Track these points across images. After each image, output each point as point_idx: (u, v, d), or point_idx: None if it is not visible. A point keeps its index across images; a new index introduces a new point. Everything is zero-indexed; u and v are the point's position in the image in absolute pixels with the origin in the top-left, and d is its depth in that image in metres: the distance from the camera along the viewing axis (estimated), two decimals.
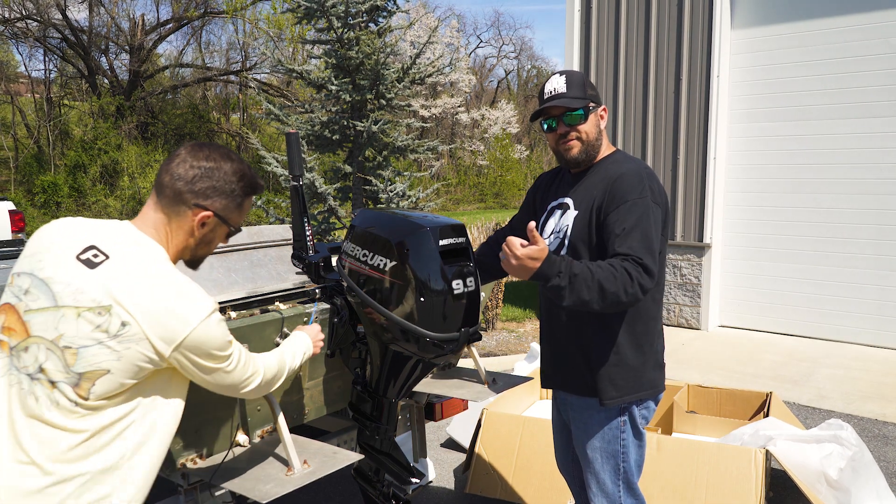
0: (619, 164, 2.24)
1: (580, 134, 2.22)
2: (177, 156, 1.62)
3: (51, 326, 1.45)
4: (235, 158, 1.68)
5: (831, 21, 6.55)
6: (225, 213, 1.66)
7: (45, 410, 1.44)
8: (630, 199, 2.09)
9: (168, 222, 1.61)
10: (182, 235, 1.63)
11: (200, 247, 1.68)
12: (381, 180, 8.32)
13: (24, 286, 1.50)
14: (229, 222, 1.68)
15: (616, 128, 7.62)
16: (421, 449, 3.20)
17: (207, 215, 1.62)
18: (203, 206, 1.61)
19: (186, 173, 1.60)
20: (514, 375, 3.02)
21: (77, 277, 1.47)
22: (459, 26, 31.91)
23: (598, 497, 2.32)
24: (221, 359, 1.58)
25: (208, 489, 2.12)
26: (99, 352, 1.43)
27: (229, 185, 1.64)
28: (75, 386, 1.44)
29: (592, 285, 1.92)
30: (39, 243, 1.55)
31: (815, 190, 6.77)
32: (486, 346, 7.03)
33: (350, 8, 8.16)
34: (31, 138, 21.28)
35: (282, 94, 22.71)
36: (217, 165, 1.63)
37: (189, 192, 1.60)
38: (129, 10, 24.84)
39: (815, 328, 6.86)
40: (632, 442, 2.27)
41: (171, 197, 1.60)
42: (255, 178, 1.71)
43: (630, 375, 2.20)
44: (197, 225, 1.63)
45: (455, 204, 26.94)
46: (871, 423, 4.67)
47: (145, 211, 1.63)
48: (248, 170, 1.70)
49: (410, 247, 2.03)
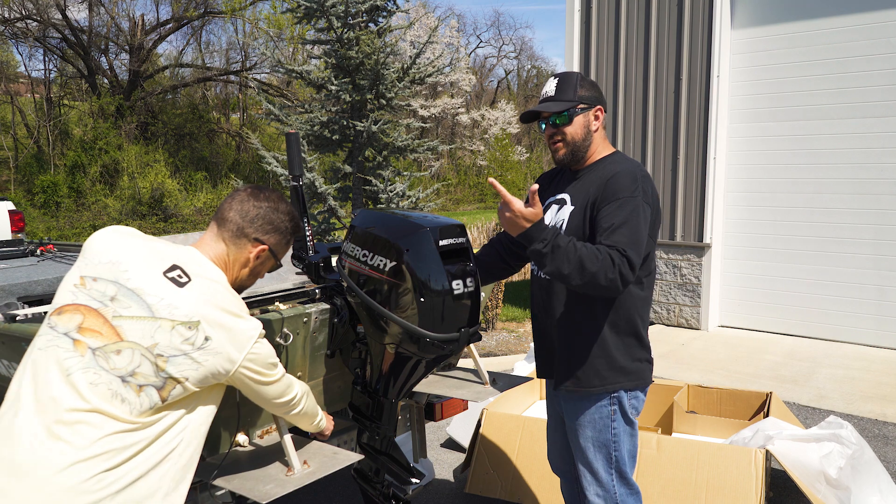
0: (615, 164, 2.29)
1: (565, 136, 2.29)
2: (240, 194, 1.89)
3: (147, 335, 1.61)
4: (287, 202, 1.95)
5: (831, 21, 6.55)
6: (277, 248, 1.92)
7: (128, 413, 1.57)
8: (622, 197, 2.15)
9: (227, 253, 1.85)
10: (238, 266, 1.87)
11: (249, 278, 1.92)
12: (381, 180, 8.32)
13: (108, 293, 1.63)
14: (278, 257, 1.94)
15: (616, 128, 7.63)
16: (421, 449, 3.20)
17: (263, 249, 1.88)
18: (262, 241, 1.87)
19: (250, 212, 1.86)
20: (514, 375, 3.02)
21: (169, 294, 1.65)
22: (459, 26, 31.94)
23: (591, 487, 2.35)
24: (272, 368, 1.81)
25: (208, 489, 2.11)
26: (184, 361, 1.62)
27: (284, 225, 1.91)
28: (160, 389, 1.61)
29: (573, 259, 2.00)
30: (116, 252, 1.70)
31: (815, 190, 6.77)
32: (486, 346, 7.03)
33: (350, 8, 8.16)
34: (30, 138, 21.29)
35: (282, 94, 22.71)
36: (276, 206, 1.90)
37: (251, 228, 1.86)
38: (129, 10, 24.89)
39: (815, 328, 6.86)
40: (623, 431, 2.32)
41: (234, 231, 1.85)
42: (300, 220, 2.02)
43: (614, 366, 2.27)
44: (253, 257, 1.87)
45: (455, 204, 26.94)
46: (871, 424, 4.67)
47: (207, 241, 1.85)
48: (296, 214, 1.99)
49: (410, 247, 2.03)
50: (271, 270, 1.98)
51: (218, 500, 2.18)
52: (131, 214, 18.33)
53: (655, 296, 7.64)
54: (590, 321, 2.28)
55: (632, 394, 2.33)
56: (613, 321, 2.28)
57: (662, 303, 7.61)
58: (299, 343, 2.29)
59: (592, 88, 2.31)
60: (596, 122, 2.32)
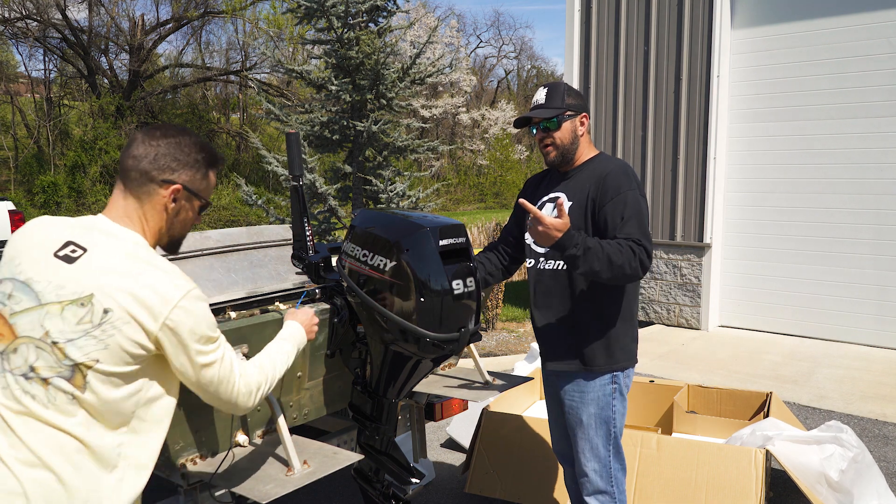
0: (605, 163, 2.52)
1: (554, 140, 2.49)
2: (134, 140, 1.65)
3: (37, 325, 1.47)
4: (192, 133, 1.72)
5: (831, 21, 6.55)
6: (193, 184, 1.68)
7: (42, 408, 1.45)
8: (622, 192, 2.38)
9: (140, 206, 1.63)
10: (157, 216, 1.65)
11: (175, 226, 1.69)
12: (381, 180, 8.32)
13: (6, 291, 1.52)
14: (199, 195, 1.70)
15: (616, 128, 7.63)
16: (421, 449, 3.20)
17: (177, 188, 1.64)
18: (171, 181, 1.64)
19: (149, 152, 1.62)
20: (514, 375, 3.02)
21: (57, 274, 1.50)
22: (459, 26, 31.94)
23: (590, 462, 2.53)
24: (207, 341, 1.58)
25: (208, 489, 2.11)
26: (86, 343, 1.46)
27: (192, 157, 1.67)
28: (69, 379, 1.46)
29: (602, 257, 2.21)
30: (15, 247, 1.58)
31: (815, 190, 6.77)
32: (486, 346, 7.03)
33: (350, 8, 8.16)
34: (30, 138, 21.29)
35: (282, 94, 22.70)
36: (177, 140, 1.66)
37: (155, 170, 1.62)
38: (129, 10, 24.90)
39: (815, 328, 6.86)
40: (620, 408, 2.53)
41: (138, 179, 1.62)
42: (214, 150, 1.75)
43: (618, 346, 2.49)
44: (169, 202, 1.64)
45: (455, 204, 26.94)
46: (871, 424, 4.67)
47: (114, 201, 1.65)
48: (207, 143, 1.74)
49: (410, 247, 2.04)
50: (202, 211, 1.74)
51: (218, 499, 2.18)
52: None
53: (655, 296, 7.65)
54: (593, 306, 2.47)
55: (626, 372, 2.54)
56: (614, 305, 2.48)
57: (662, 303, 7.61)
58: None
59: (578, 97, 2.53)
60: (581, 127, 2.53)
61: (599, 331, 2.47)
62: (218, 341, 1.62)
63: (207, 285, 2.53)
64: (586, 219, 2.43)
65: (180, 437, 2.01)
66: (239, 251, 2.84)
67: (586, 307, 2.47)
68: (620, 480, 2.57)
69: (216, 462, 2.05)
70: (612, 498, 2.54)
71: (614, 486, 2.54)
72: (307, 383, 2.39)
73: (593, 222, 2.42)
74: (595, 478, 2.53)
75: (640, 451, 3.29)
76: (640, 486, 3.22)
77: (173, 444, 1.99)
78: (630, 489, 3.20)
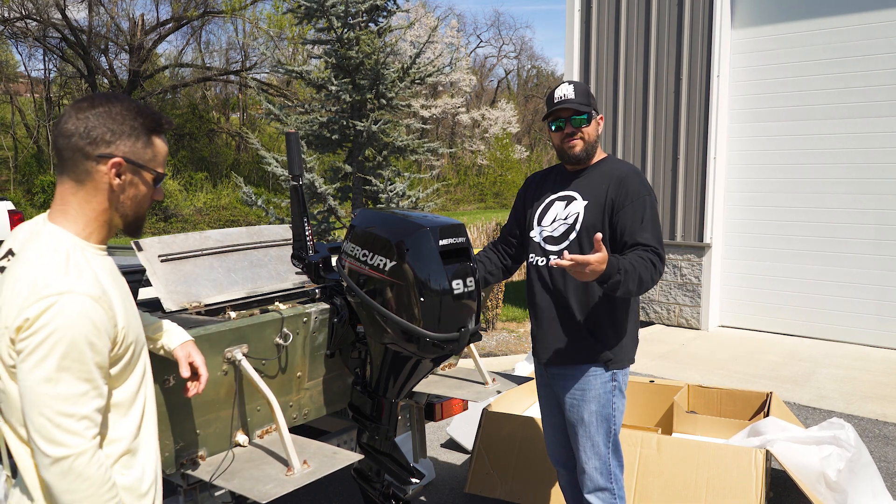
0: (618, 165, 2.55)
1: (584, 134, 2.52)
2: (63, 116, 1.44)
3: None
4: (126, 98, 1.50)
5: (832, 21, 6.55)
6: (135, 155, 1.45)
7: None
8: (641, 196, 2.44)
9: (77, 190, 1.43)
10: (100, 197, 1.44)
11: (126, 204, 1.48)
12: (381, 180, 8.32)
13: None
14: (146, 166, 1.48)
15: (616, 128, 7.62)
16: (421, 449, 3.20)
17: (117, 162, 1.42)
18: (108, 154, 1.42)
19: (78, 127, 1.41)
20: (514, 375, 3.02)
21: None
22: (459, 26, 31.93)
23: (591, 460, 2.56)
24: (39, 345, 1.29)
25: (208, 489, 2.11)
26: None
27: (128, 124, 1.44)
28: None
29: (635, 277, 2.27)
30: None
31: (815, 190, 6.77)
32: (486, 346, 7.03)
33: (350, 8, 8.16)
34: (30, 138, 21.29)
35: (282, 93, 22.71)
36: (107, 109, 1.43)
37: (89, 145, 1.41)
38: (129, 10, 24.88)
39: (816, 328, 6.86)
40: (619, 406, 2.57)
41: (72, 159, 1.42)
42: (155, 113, 1.52)
43: (620, 345, 2.53)
44: (112, 178, 1.43)
45: (455, 204, 26.94)
46: (871, 424, 4.67)
47: (57, 189, 1.47)
48: (146, 107, 1.52)
49: (410, 247, 2.03)
50: (157, 184, 1.53)
51: (218, 499, 2.18)
52: None
53: (655, 296, 7.64)
54: (592, 307, 2.50)
55: (625, 371, 2.58)
56: (616, 306, 2.51)
57: (662, 303, 7.60)
58: (299, 343, 2.29)
59: (595, 99, 2.61)
60: (599, 127, 2.60)
61: (603, 329, 2.50)
62: (71, 376, 1.31)
63: (207, 285, 2.52)
64: (603, 219, 2.46)
65: (180, 437, 2.01)
66: (239, 251, 2.84)
67: (591, 306, 2.50)
68: (619, 478, 2.59)
69: (216, 462, 2.05)
70: (612, 495, 2.57)
71: (614, 483, 2.57)
72: (307, 383, 2.39)
73: (609, 222, 2.46)
74: (595, 475, 2.55)
75: (641, 451, 3.29)
76: (640, 486, 3.22)
77: (174, 443, 1.99)
78: (630, 489, 3.19)
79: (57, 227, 1.43)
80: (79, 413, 1.32)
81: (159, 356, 1.84)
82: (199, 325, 2.04)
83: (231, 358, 2.05)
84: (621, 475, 2.60)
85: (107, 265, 1.47)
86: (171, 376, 1.94)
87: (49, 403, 1.29)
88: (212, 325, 2.07)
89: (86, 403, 1.33)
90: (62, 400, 1.30)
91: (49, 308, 1.29)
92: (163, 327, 1.83)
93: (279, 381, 2.27)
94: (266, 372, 2.21)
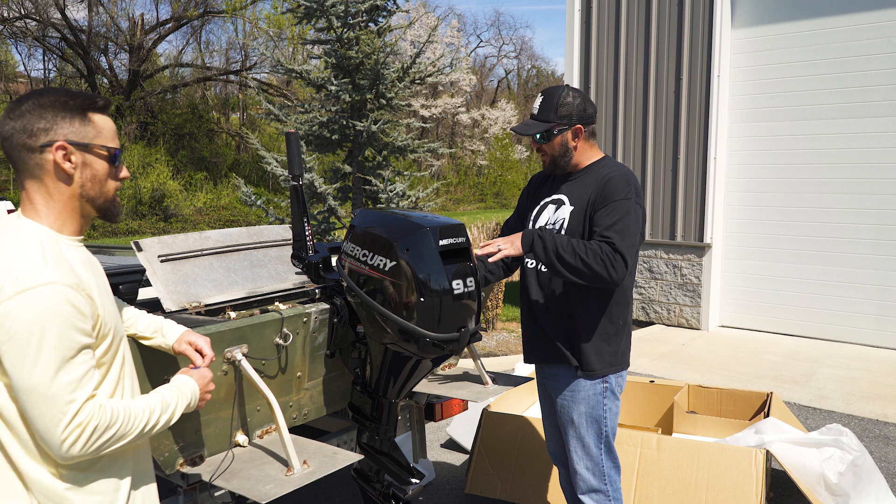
0: (608, 168, 2.52)
1: (545, 151, 2.55)
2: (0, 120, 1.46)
3: None
4: (53, 89, 1.48)
5: (832, 20, 6.55)
6: (78, 136, 1.44)
7: None
8: (616, 199, 2.38)
9: (38, 187, 1.45)
10: (62, 186, 1.45)
11: (88, 187, 1.47)
12: (380, 180, 8.32)
13: None
14: (92, 144, 1.46)
15: (616, 128, 7.62)
16: (421, 449, 3.20)
17: (61, 145, 1.42)
18: (49, 142, 1.41)
19: (15, 125, 1.42)
20: (514, 375, 3.02)
21: None
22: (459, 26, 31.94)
23: (582, 461, 2.55)
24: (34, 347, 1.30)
25: (208, 489, 2.11)
26: None
27: (59, 109, 1.44)
28: None
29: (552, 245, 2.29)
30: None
31: (815, 190, 6.77)
32: (486, 346, 7.02)
33: (350, 7, 8.16)
34: None
35: (281, 93, 22.71)
36: (37, 101, 1.43)
37: (30, 138, 1.41)
38: (129, 10, 24.89)
39: (816, 328, 6.86)
40: (612, 408, 2.54)
41: (20, 158, 1.43)
42: (86, 93, 1.49)
43: (607, 350, 2.50)
44: (62, 162, 1.42)
45: (455, 204, 26.93)
46: (871, 424, 4.67)
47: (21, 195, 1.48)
48: (76, 90, 1.51)
49: (410, 247, 2.03)
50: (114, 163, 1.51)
51: (218, 499, 2.18)
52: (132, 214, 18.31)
53: (655, 296, 7.64)
54: (586, 310, 2.49)
55: (619, 374, 2.56)
56: (605, 309, 2.49)
57: (663, 303, 7.60)
58: (299, 343, 2.29)
59: (571, 107, 2.47)
60: (574, 140, 2.52)
61: (592, 334, 2.48)
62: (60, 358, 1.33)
63: (207, 285, 2.52)
64: (584, 225, 2.45)
65: (180, 437, 2.00)
66: (239, 251, 2.84)
67: (583, 309, 2.48)
68: (614, 479, 2.58)
69: (216, 462, 2.05)
70: (606, 496, 2.56)
71: (608, 485, 2.56)
72: (307, 383, 2.39)
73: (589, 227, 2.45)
74: (588, 476, 2.55)
75: (641, 451, 3.28)
76: (640, 486, 3.22)
77: (173, 443, 1.99)
78: (630, 489, 3.19)
79: (30, 220, 1.44)
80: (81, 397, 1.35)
81: (158, 356, 1.84)
82: (199, 325, 2.04)
83: (231, 358, 2.05)
84: (616, 476, 2.59)
85: (82, 255, 1.48)
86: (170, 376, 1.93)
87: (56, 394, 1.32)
88: (212, 325, 2.07)
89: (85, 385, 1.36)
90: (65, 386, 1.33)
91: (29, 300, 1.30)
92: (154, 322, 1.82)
93: (279, 381, 2.27)
94: (266, 372, 2.20)
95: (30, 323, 1.30)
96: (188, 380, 1.65)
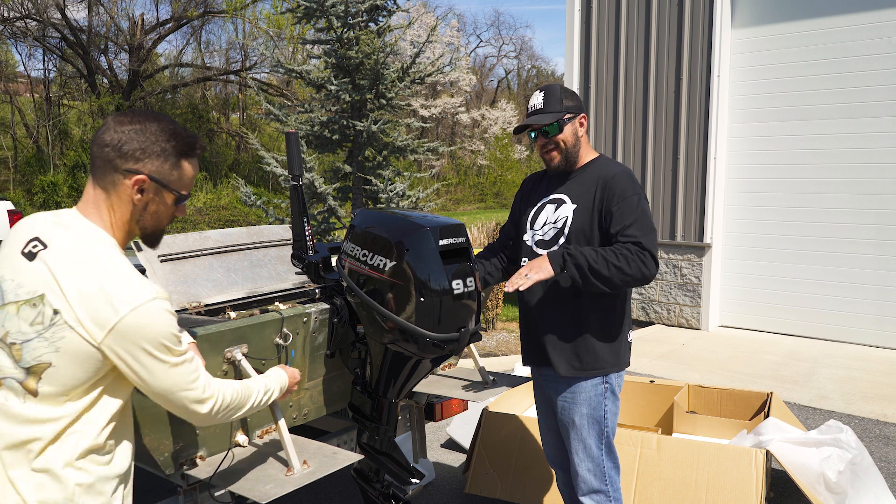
0: (608, 166, 2.52)
1: (558, 143, 2.50)
2: (104, 126, 1.53)
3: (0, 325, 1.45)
4: (165, 119, 1.57)
5: (832, 20, 6.55)
6: (161, 175, 1.54)
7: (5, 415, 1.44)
8: (629, 196, 2.40)
9: (107, 197, 1.52)
10: (124, 208, 1.53)
11: (146, 219, 1.57)
12: (381, 180, 8.32)
13: None
14: (169, 186, 1.56)
15: (616, 128, 7.62)
16: (421, 449, 3.20)
17: (141, 179, 1.51)
18: (135, 171, 1.50)
19: (113, 139, 1.49)
20: (514, 375, 3.02)
21: (19, 272, 1.45)
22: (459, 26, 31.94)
23: (584, 462, 2.55)
24: (165, 350, 1.45)
25: (208, 489, 2.11)
26: (39, 345, 1.40)
27: (158, 146, 1.52)
28: (23, 381, 1.42)
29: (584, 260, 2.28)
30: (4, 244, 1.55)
31: (815, 190, 6.77)
32: (486, 346, 7.02)
33: (350, 7, 8.16)
34: (30, 138, 21.28)
35: (281, 93, 22.70)
36: (143, 127, 1.52)
37: (119, 158, 1.49)
38: (129, 10, 24.85)
39: (816, 328, 6.86)
40: (612, 408, 2.55)
41: (102, 168, 1.51)
42: (189, 137, 1.59)
43: (607, 350, 2.50)
44: (134, 193, 1.52)
45: (455, 204, 26.93)
46: (871, 424, 4.67)
47: (86, 191, 1.54)
48: (182, 130, 1.59)
49: (410, 247, 2.03)
50: (179, 204, 1.61)
51: (218, 499, 2.18)
52: None
53: (655, 296, 7.64)
54: (584, 310, 2.47)
55: (619, 374, 2.56)
56: (606, 309, 2.48)
57: (663, 303, 7.60)
58: (299, 343, 2.29)
59: (574, 98, 2.53)
60: (581, 128, 2.53)
61: (593, 333, 2.48)
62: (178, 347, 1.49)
63: (207, 285, 2.52)
64: (591, 223, 2.44)
65: (180, 437, 2.00)
66: (239, 251, 2.84)
67: (581, 310, 2.47)
68: (614, 479, 2.58)
69: (216, 462, 2.05)
70: (606, 497, 2.56)
71: (608, 485, 2.56)
72: (307, 383, 2.39)
73: (598, 225, 2.44)
74: (589, 477, 2.55)
75: (641, 451, 3.28)
76: (640, 486, 3.22)
77: (173, 444, 1.99)
78: (630, 489, 3.19)
79: (93, 224, 1.51)
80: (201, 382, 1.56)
81: None
82: (199, 325, 2.04)
83: (231, 358, 2.05)
84: (617, 476, 2.59)
85: None
86: None
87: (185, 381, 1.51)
88: (212, 325, 2.07)
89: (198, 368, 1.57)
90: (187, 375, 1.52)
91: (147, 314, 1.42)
92: None
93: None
94: None
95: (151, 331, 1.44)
96: (282, 373, 1.94)
